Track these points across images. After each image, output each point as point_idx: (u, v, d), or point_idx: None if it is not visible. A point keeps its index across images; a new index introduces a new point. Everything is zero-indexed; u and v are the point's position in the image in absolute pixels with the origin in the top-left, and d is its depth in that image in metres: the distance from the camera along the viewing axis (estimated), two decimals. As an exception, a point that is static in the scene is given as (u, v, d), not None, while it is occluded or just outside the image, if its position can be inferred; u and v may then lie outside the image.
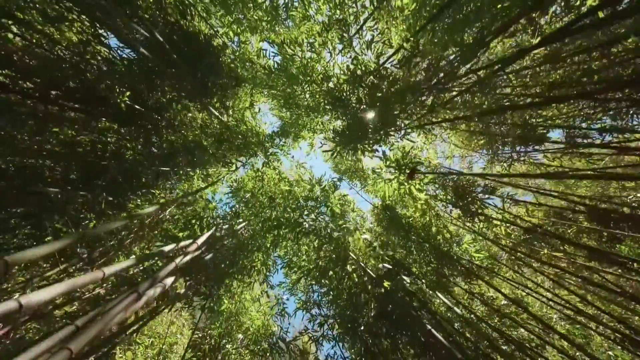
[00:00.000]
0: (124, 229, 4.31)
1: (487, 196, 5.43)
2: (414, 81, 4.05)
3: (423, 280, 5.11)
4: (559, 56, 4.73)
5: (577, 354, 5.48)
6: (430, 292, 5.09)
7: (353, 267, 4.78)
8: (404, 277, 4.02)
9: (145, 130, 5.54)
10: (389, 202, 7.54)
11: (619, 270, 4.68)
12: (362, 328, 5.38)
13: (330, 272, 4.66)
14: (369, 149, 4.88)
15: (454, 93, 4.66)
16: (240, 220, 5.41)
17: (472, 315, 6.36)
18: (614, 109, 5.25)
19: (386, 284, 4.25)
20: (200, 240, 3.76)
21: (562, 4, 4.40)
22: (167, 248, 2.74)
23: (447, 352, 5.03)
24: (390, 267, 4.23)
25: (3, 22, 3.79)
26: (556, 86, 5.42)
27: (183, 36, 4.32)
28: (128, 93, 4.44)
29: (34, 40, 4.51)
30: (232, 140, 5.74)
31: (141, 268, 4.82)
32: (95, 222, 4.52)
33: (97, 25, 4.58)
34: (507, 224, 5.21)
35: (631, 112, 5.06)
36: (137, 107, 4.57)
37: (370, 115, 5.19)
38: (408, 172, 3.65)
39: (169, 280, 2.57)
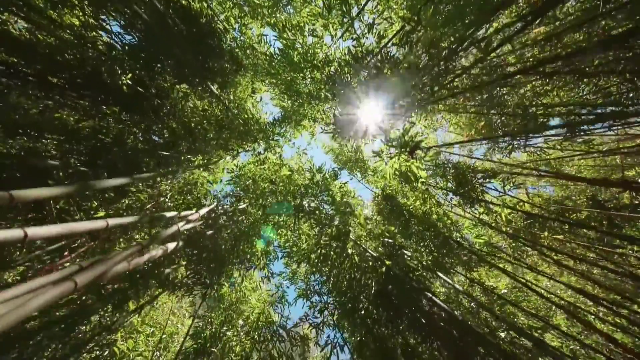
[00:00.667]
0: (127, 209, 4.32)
1: (487, 180, 5.44)
2: (415, 61, 4.05)
3: (424, 262, 5.12)
4: (560, 34, 4.72)
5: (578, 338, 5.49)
6: (430, 276, 5.11)
7: (354, 248, 4.80)
8: (405, 252, 4.03)
9: (146, 116, 5.56)
10: (389, 192, 7.55)
11: (620, 250, 4.68)
12: (362, 312, 5.39)
13: (331, 253, 4.67)
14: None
15: (457, 72, 4.66)
16: (241, 203, 5.42)
17: (472, 304, 6.37)
18: (614, 93, 5.25)
19: (387, 262, 4.26)
20: (202, 212, 3.78)
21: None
22: (169, 214, 2.75)
23: (448, 337, 5.04)
24: (391, 241, 4.25)
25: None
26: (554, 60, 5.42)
27: (184, 17, 4.33)
28: (130, 75, 4.46)
29: (37, 24, 4.53)
30: (234, 127, 5.75)
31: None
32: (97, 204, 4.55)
33: (98, 9, 4.60)
34: (508, 209, 5.21)
35: (631, 95, 5.05)
36: (139, 89, 4.58)
37: (372, 98, 5.20)
38: (409, 149, 3.66)
39: (171, 245, 2.58)
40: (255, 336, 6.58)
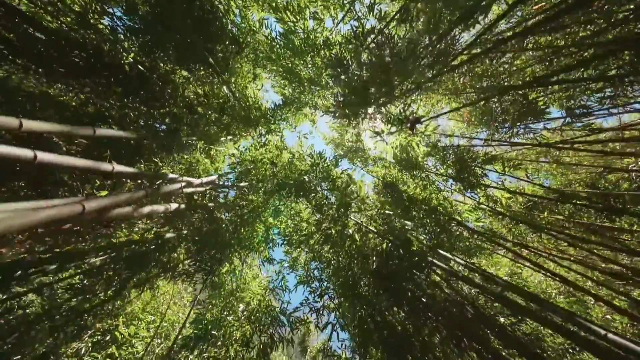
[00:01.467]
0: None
1: (487, 164, 5.46)
2: (415, 41, 4.07)
3: (424, 242, 5.16)
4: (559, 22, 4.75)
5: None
6: (431, 255, 5.14)
7: (354, 228, 4.83)
8: (406, 223, 4.06)
9: (148, 99, 5.58)
10: (389, 180, 7.58)
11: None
12: (362, 292, 5.43)
13: (332, 232, 4.70)
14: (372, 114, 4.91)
15: (457, 51, 4.68)
16: (243, 181, 5.45)
17: (472, 290, 6.41)
18: (614, 77, 5.26)
19: (389, 237, 4.29)
20: (204, 179, 3.81)
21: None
22: (172, 175, 2.77)
23: (448, 315, 5.07)
24: (391, 213, 4.28)
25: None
26: (555, 54, 5.44)
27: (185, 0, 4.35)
28: (132, 55, 4.48)
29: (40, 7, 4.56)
30: (235, 111, 5.77)
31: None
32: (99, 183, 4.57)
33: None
34: (508, 193, 5.24)
35: (631, 79, 5.07)
36: (140, 69, 4.60)
37: (372, 81, 5.23)
38: (410, 124, 3.69)
39: (173, 205, 2.61)
40: (256, 321, 6.62)
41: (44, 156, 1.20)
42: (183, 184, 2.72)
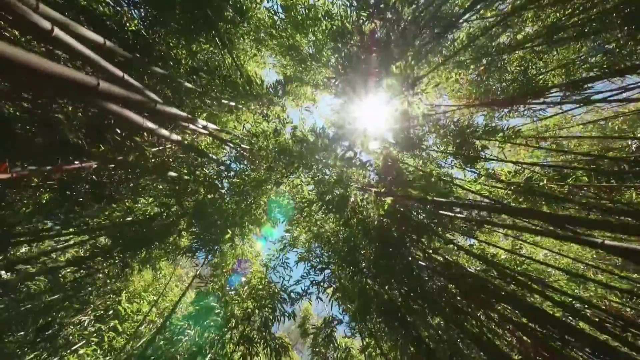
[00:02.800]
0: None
1: (487, 138, 5.51)
2: (418, 17, 4.12)
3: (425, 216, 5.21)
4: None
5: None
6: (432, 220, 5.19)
7: (355, 194, 4.90)
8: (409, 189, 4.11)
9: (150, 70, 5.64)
10: (390, 159, 7.63)
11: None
12: (362, 264, 5.48)
13: (334, 196, 4.76)
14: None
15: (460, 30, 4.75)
16: (245, 144, 5.49)
17: (472, 268, 6.45)
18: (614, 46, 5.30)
19: (388, 202, 4.35)
20: (209, 125, 3.84)
21: None
22: (176, 110, 2.80)
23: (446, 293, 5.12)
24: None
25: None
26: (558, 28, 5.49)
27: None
28: (135, 22, 4.55)
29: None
30: (238, 85, 5.82)
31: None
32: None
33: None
34: (509, 164, 5.28)
35: (631, 47, 5.10)
36: (143, 35, 4.66)
37: (374, 57, 5.28)
38: (410, 83, 3.75)
39: (175, 137, 2.66)
40: (257, 297, 6.66)
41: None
42: (185, 115, 2.76)
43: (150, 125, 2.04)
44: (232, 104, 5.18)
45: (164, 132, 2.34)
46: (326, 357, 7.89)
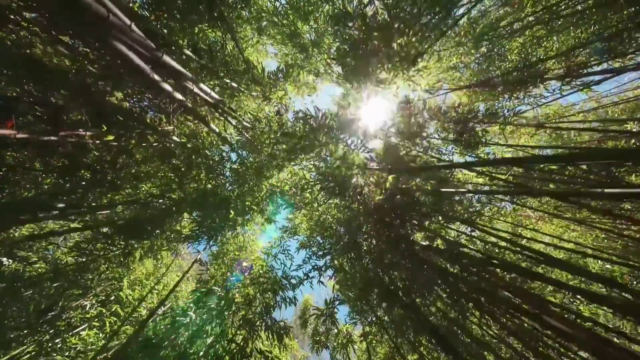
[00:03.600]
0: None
1: (488, 121, 5.53)
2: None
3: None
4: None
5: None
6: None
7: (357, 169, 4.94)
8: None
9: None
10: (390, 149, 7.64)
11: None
12: (362, 253, 5.51)
13: (336, 175, 4.79)
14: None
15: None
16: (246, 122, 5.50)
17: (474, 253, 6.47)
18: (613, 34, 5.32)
19: (390, 180, 4.38)
20: (211, 92, 3.85)
21: None
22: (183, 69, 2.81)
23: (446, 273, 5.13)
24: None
25: None
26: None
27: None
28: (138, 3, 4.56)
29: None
30: (240, 71, 5.84)
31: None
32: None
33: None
34: (509, 148, 5.30)
35: (631, 32, 5.12)
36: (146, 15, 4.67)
37: (375, 39, 5.29)
38: (411, 59, 3.78)
39: (179, 96, 2.68)
40: (258, 284, 6.68)
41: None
42: (193, 84, 2.78)
43: (156, 76, 2.06)
44: (235, 85, 5.18)
45: (168, 87, 2.36)
46: (326, 345, 7.90)
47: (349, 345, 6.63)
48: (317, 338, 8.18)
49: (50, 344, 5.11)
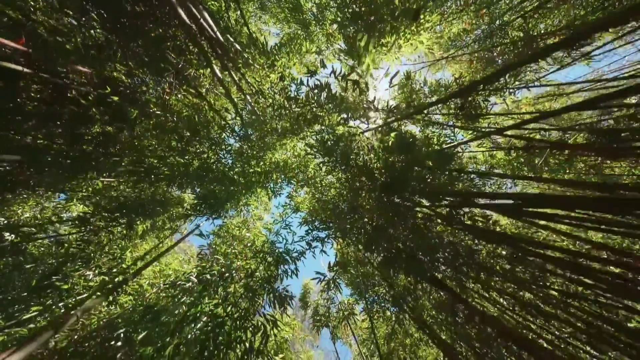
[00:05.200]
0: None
1: (489, 91, 5.58)
2: None
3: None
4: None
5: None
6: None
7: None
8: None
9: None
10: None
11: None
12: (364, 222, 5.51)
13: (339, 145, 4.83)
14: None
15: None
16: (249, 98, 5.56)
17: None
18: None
19: (392, 137, 4.41)
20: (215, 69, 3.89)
21: None
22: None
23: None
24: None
25: None
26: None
27: None
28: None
29: None
30: (241, 44, 5.91)
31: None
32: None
33: None
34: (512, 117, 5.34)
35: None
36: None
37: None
38: (413, 16, 3.82)
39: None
40: (260, 257, 6.70)
41: None
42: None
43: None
44: (246, 55, 5.26)
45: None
46: (326, 324, 7.88)
47: (351, 317, 6.62)
48: (318, 317, 8.19)
49: (53, 307, 5.15)
